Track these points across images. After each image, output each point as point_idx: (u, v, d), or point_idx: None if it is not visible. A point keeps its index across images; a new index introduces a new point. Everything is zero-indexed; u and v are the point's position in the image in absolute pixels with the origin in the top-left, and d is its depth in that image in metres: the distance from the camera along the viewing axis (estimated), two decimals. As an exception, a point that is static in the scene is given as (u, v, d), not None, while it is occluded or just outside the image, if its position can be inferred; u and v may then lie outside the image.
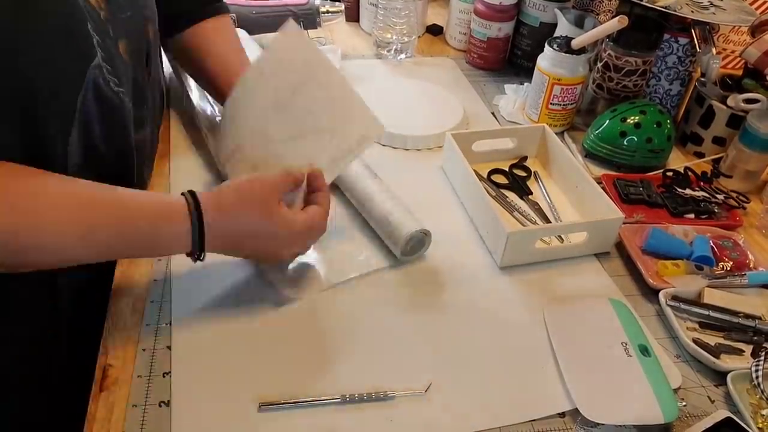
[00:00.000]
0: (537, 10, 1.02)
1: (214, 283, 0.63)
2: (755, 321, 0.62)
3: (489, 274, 0.68)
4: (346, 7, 1.15)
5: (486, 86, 1.04)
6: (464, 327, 0.62)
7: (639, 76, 0.91)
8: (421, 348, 0.59)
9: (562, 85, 0.87)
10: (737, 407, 0.55)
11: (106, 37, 0.54)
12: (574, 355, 0.59)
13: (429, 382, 0.55)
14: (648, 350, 0.59)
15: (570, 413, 0.55)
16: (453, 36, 1.15)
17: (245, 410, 0.52)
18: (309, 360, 0.57)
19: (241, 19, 1.02)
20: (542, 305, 0.64)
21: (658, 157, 0.85)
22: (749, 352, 0.61)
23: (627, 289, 0.68)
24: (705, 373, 0.59)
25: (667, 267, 0.68)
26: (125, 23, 0.58)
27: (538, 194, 0.80)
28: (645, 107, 0.85)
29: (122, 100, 0.58)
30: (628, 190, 0.79)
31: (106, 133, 0.58)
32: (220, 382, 0.54)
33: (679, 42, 0.89)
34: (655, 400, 0.54)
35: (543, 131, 0.84)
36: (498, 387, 0.56)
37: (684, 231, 0.73)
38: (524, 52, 1.07)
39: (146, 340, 0.57)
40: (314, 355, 0.57)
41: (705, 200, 0.79)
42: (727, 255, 0.71)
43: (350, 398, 0.53)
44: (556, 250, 0.70)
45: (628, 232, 0.72)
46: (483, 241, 0.71)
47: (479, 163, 0.82)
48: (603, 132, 0.85)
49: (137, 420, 0.51)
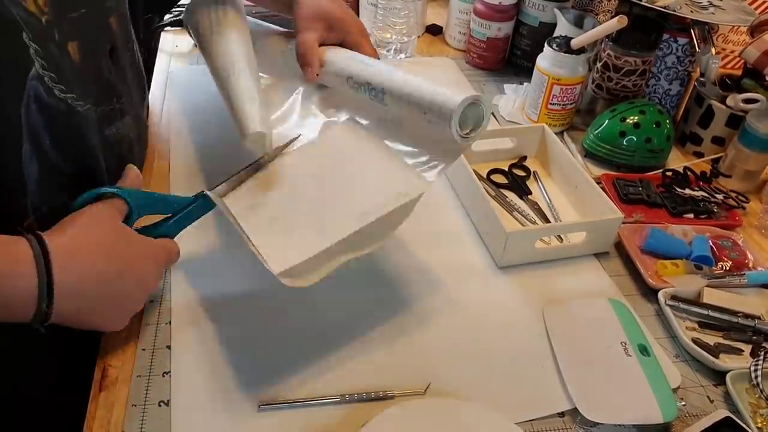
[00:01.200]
0: (536, 10, 1.02)
1: (213, 283, 0.63)
2: (754, 321, 0.62)
3: (488, 273, 0.68)
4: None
5: (485, 86, 1.04)
6: (463, 326, 0.62)
7: (638, 76, 0.91)
8: (421, 348, 0.59)
9: (561, 85, 0.88)
10: (736, 407, 0.55)
11: (48, 42, 0.52)
12: (573, 355, 0.59)
13: (428, 382, 0.55)
14: (647, 350, 0.59)
15: (569, 413, 0.55)
16: (452, 36, 1.15)
17: (245, 410, 0.52)
18: (308, 359, 0.57)
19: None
20: (541, 305, 0.64)
21: (658, 157, 0.85)
22: (748, 352, 0.61)
23: (626, 289, 0.68)
24: (704, 373, 0.59)
25: (667, 267, 0.68)
26: (77, 22, 0.55)
27: (537, 194, 0.80)
28: (644, 107, 0.85)
29: (71, 106, 0.56)
30: (627, 190, 0.79)
31: (57, 142, 0.56)
32: (220, 382, 0.54)
33: (679, 42, 0.89)
34: (654, 399, 0.54)
35: (542, 131, 0.84)
36: (497, 387, 0.56)
37: (683, 231, 0.73)
38: (524, 52, 1.07)
39: (146, 340, 0.57)
40: (314, 355, 0.57)
41: (704, 200, 0.79)
42: (727, 255, 0.71)
43: (350, 398, 0.53)
44: (556, 250, 0.70)
45: (627, 231, 0.72)
46: (482, 241, 0.72)
47: (479, 162, 0.82)
48: (602, 132, 0.85)
49: (137, 420, 0.51)
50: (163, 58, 1.01)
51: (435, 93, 0.57)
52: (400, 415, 0.52)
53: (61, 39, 0.53)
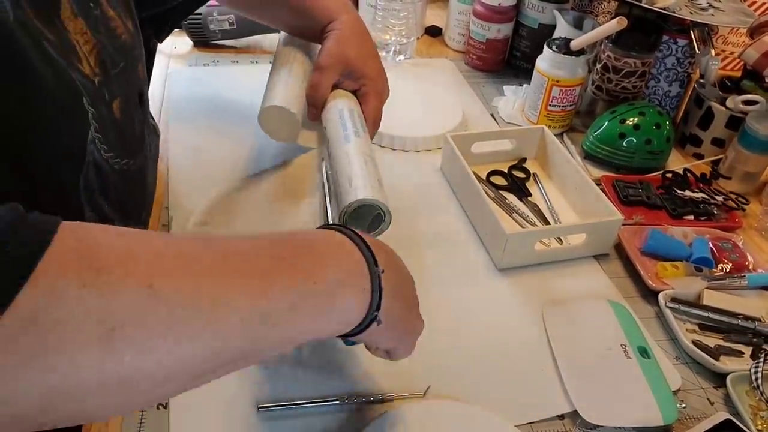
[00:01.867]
0: (536, 11, 1.02)
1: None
2: (755, 323, 0.62)
3: (488, 275, 0.68)
4: (345, 8, 1.14)
5: (485, 87, 1.04)
6: (463, 328, 0.61)
7: (638, 77, 0.91)
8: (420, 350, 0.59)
9: (561, 86, 0.87)
10: (737, 409, 0.55)
11: (100, 104, 0.51)
12: (573, 357, 0.59)
13: (427, 384, 0.55)
14: (647, 352, 0.59)
15: (569, 415, 0.54)
16: (452, 37, 1.15)
17: (243, 412, 0.52)
18: (307, 362, 0.57)
19: (241, 20, 1.02)
20: (541, 307, 0.64)
21: (658, 159, 0.85)
22: (749, 354, 0.61)
23: (626, 291, 0.68)
24: (704, 375, 0.59)
25: (667, 269, 0.68)
26: (118, 78, 0.55)
27: (537, 196, 0.80)
28: (644, 109, 0.85)
29: (111, 165, 0.55)
30: (627, 192, 0.79)
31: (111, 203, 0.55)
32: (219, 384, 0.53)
33: (678, 43, 0.89)
34: (654, 402, 0.54)
35: (542, 133, 0.84)
36: (497, 389, 0.56)
37: (683, 232, 0.73)
38: (523, 54, 1.07)
39: (144, 342, 0.57)
40: (312, 357, 0.57)
41: (704, 202, 0.79)
42: (727, 256, 0.71)
43: (349, 401, 0.53)
44: (556, 252, 0.70)
45: (627, 233, 0.72)
46: (482, 243, 0.71)
47: (478, 164, 0.82)
48: (602, 133, 0.85)
49: (135, 422, 0.50)
50: (161, 59, 1.01)
51: (346, 182, 0.60)
52: (399, 417, 0.51)
53: (108, 98, 0.53)
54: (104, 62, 0.52)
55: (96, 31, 0.51)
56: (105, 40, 0.53)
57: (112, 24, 0.55)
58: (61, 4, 0.47)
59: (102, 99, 0.51)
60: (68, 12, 0.48)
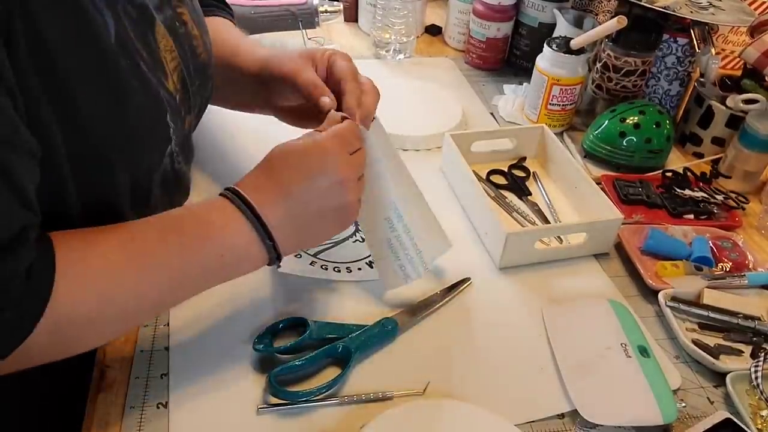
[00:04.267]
0: (536, 10, 1.02)
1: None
2: (754, 322, 0.62)
3: (488, 274, 0.68)
4: (344, 7, 1.14)
5: (485, 86, 1.04)
6: (462, 327, 0.61)
7: (638, 76, 0.91)
8: (419, 348, 0.59)
9: (561, 85, 0.87)
10: (736, 408, 0.55)
11: (179, 120, 0.53)
12: (573, 356, 0.59)
13: (427, 382, 0.55)
14: (647, 351, 0.59)
15: (569, 414, 0.55)
16: (452, 36, 1.15)
17: (243, 412, 0.52)
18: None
19: (240, 19, 1.02)
20: (541, 306, 0.64)
21: (658, 158, 0.85)
22: (748, 353, 0.61)
23: (626, 290, 0.68)
24: (704, 374, 0.59)
25: (667, 268, 0.68)
26: (195, 95, 0.57)
27: (537, 195, 0.80)
28: (644, 107, 0.85)
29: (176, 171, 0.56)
30: (627, 191, 0.79)
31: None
32: (219, 384, 0.54)
33: (678, 42, 0.89)
34: (654, 401, 0.54)
35: (542, 132, 0.84)
36: (496, 388, 0.56)
37: (683, 231, 0.73)
38: (523, 53, 1.07)
39: (144, 342, 0.57)
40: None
41: (704, 201, 0.79)
42: (727, 256, 0.71)
43: (348, 399, 0.53)
44: (556, 251, 0.70)
45: (627, 232, 0.72)
46: (482, 242, 0.71)
47: (478, 163, 0.82)
48: (602, 132, 0.85)
49: (135, 421, 0.50)
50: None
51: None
52: (399, 416, 0.51)
53: (184, 114, 0.54)
54: (185, 80, 0.54)
55: (181, 49, 0.53)
56: (188, 58, 0.54)
57: (194, 42, 0.57)
58: (156, 22, 0.49)
59: (179, 115, 0.53)
60: (162, 29, 0.50)
